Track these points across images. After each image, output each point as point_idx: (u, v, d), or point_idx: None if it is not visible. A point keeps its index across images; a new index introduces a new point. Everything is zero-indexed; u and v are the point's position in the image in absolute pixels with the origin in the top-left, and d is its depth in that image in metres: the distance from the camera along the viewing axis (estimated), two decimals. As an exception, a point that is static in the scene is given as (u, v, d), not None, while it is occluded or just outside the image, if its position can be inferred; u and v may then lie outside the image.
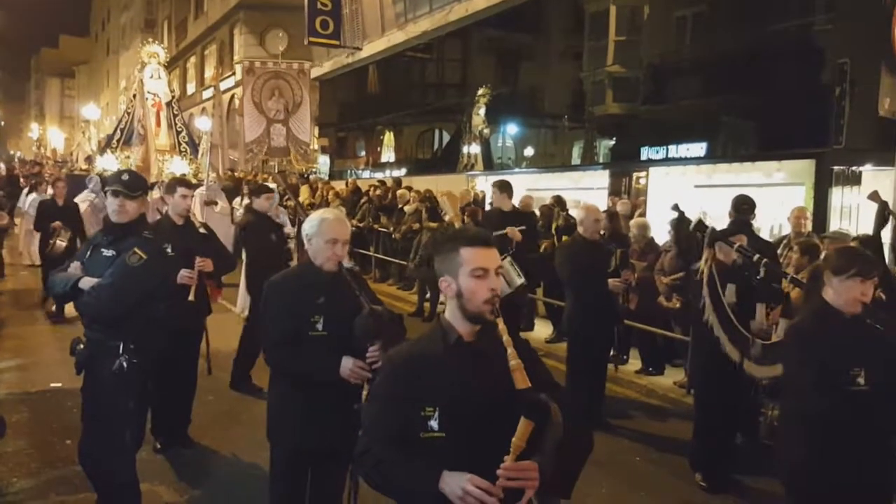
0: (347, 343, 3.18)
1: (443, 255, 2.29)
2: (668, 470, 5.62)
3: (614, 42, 14.45)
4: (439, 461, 2.07)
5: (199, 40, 38.23)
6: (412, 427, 2.14)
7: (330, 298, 3.25)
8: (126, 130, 16.04)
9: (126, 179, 3.96)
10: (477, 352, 2.22)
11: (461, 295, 2.21)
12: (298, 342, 3.24)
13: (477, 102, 17.20)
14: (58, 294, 3.90)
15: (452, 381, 2.16)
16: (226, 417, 6.26)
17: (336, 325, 3.22)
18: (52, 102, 76.26)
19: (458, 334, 2.24)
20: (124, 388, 3.80)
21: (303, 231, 3.42)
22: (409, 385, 2.19)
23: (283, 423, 3.39)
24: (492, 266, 2.22)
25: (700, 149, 12.41)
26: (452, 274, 2.23)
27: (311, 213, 3.76)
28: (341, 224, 3.37)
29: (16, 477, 4.94)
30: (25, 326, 9.26)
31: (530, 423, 1.97)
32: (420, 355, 2.27)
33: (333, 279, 3.28)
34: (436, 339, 2.28)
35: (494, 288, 2.20)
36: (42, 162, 34.31)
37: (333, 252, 3.27)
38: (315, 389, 3.25)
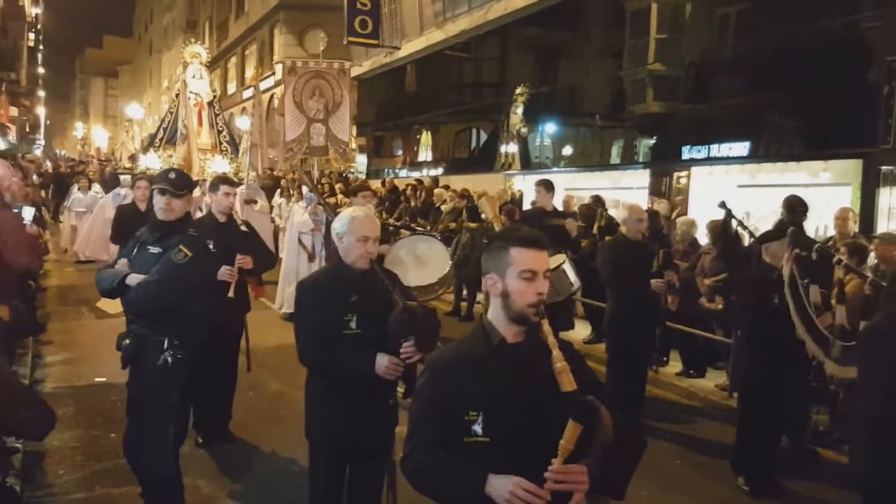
0: (381, 340, 3.18)
1: (491, 253, 2.25)
2: (709, 473, 5.53)
3: (655, 40, 14.23)
4: (483, 465, 2.05)
5: (239, 40, 38.71)
6: (455, 431, 2.12)
7: (363, 296, 3.26)
8: (169, 129, 16.30)
9: (172, 178, 4.03)
10: (520, 354, 2.18)
11: (507, 295, 2.17)
12: (332, 341, 3.25)
13: (515, 101, 17.10)
14: (105, 290, 3.97)
15: (496, 385, 2.13)
16: (265, 413, 6.32)
17: (369, 322, 3.22)
18: (97, 101, 78.00)
19: (501, 336, 2.20)
20: (169, 383, 3.86)
21: (333, 230, 3.42)
22: (452, 389, 2.16)
23: (319, 421, 3.41)
24: (541, 269, 2.18)
25: (743, 148, 12.16)
26: (499, 273, 2.19)
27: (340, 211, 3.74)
28: (371, 221, 3.36)
29: (62, 469, 5.05)
30: (71, 322, 9.47)
31: (579, 426, 1.94)
32: (462, 358, 2.23)
33: (365, 277, 3.29)
34: (478, 341, 2.25)
35: (541, 291, 2.17)
36: (86, 160, 35.10)
37: (365, 249, 3.27)
38: (350, 387, 3.27)
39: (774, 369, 4.98)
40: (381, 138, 29.19)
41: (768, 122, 12.83)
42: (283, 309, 9.96)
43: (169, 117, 16.83)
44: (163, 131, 16.54)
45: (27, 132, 41.90)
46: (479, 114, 21.66)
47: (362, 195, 6.98)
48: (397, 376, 3.22)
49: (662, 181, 11.71)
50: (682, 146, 12.97)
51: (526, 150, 17.88)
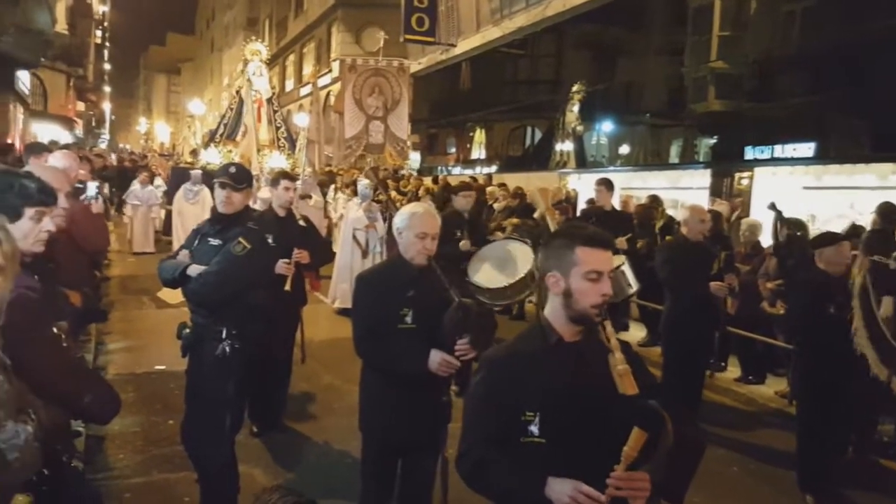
0: (436, 336, 3.18)
1: (553, 251, 2.20)
2: (767, 481, 5.37)
3: (718, 37, 13.90)
4: (539, 466, 2.03)
5: (298, 38, 39.24)
6: (511, 431, 2.09)
7: (419, 292, 3.26)
8: (229, 125, 16.61)
9: (233, 172, 4.10)
10: (578, 353, 2.14)
11: (569, 295, 2.12)
12: (388, 335, 3.27)
13: (571, 99, 16.98)
14: (167, 280, 4.05)
15: (553, 385, 2.09)
16: (319, 405, 6.39)
17: (425, 318, 3.22)
18: (159, 98, 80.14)
19: (559, 335, 2.16)
20: (226, 373, 3.92)
21: (393, 225, 3.45)
22: (508, 388, 2.12)
23: (372, 414, 3.44)
24: (607, 269, 2.13)
25: (808, 149, 11.82)
26: (563, 272, 2.14)
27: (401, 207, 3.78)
28: (431, 218, 3.37)
29: (122, 453, 5.18)
30: (133, 311, 9.72)
31: (644, 434, 1.90)
32: (518, 357, 2.19)
33: (423, 272, 3.29)
34: (535, 339, 2.20)
35: (606, 292, 2.11)
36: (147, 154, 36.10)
37: (423, 246, 3.27)
38: (404, 381, 3.27)
39: (833, 379, 4.79)
40: (434, 135, 29.28)
41: (835, 122, 12.44)
42: (337, 304, 10.05)
43: (229, 113, 17.15)
44: (223, 127, 16.85)
45: (93, 126, 43.32)
46: (534, 111, 21.55)
47: (463, 195, 6.92)
48: (451, 374, 3.20)
49: (723, 182, 11.43)
50: (744, 146, 12.66)
51: (581, 148, 17.72)
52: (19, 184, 2.49)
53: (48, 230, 2.59)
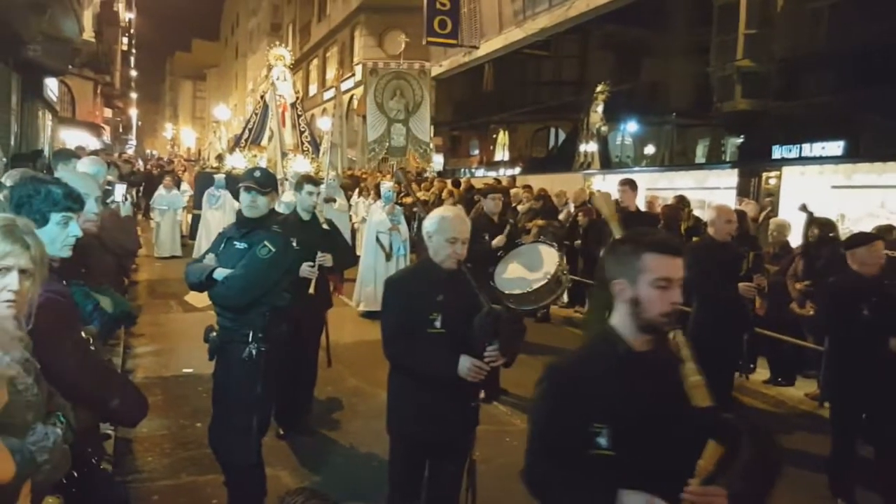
0: (465, 341, 3.16)
1: (620, 257, 2.13)
2: (797, 484, 5.25)
3: (744, 35, 13.72)
4: (608, 479, 1.98)
5: (321, 43, 39.47)
6: (579, 443, 2.03)
7: (449, 296, 3.24)
8: (254, 130, 16.75)
9: (258, 176, 4.13)
10: (648, 364, 2.07)
11: (637, 303, 2.06)
12: (417, 339, 3.25)
13: (595, 99, 16.87)
14: (193, 283, 4.08)
15: (623, 397, 2.02)
16: (344, 408, 6.39)
17: (454, 322, 3.20)
18: (185, 103, 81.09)
19: (628, 345, 2.09)
20: (253, 375, 3.94)
21: (423, 228, 3.42)
22: (576, 399, 2.06)
23: (400, 414, 3.44)
24: (677, 277, 2.06)
25: (837, 147, 11.62)
26: (630, 279, 2.08)
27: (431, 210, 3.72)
28: (462, 223, 3.34)
29: (150, 456, 5.22)
30: (160, 314, 9.82)
31: (720, 447, 1.85)
32: (586, 367, 2.13)
33: (453, 277, 3.28)
34: (603, 349, 2.13)
35: (676, 301, 2.05)
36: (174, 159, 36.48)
37: (453, 250, 3.26)
38: (433, 384, 3.26)
39: (864, 382, 4.68)
40: (457, 138, 29.28)
41: (864, 121, 12.23)
42: (361, 307, 10.08)
43: (254, 118, 17.32)
44: (248, 132, 17.03)
45: (120, 132, 43.92)
46: (558, 113, 21.46)
47: (492, 197, 6.84)
48: (480, 378, 3.17)
49: (751, 182, 11.28)
50: (772, 145, 12.48)
51: (606, 149, 17.61)
52: (46, 190, 2.52)
53: (76, 235, 2.61)
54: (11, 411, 1.92)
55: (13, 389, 1.94)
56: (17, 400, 1.96)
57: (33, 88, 17.05)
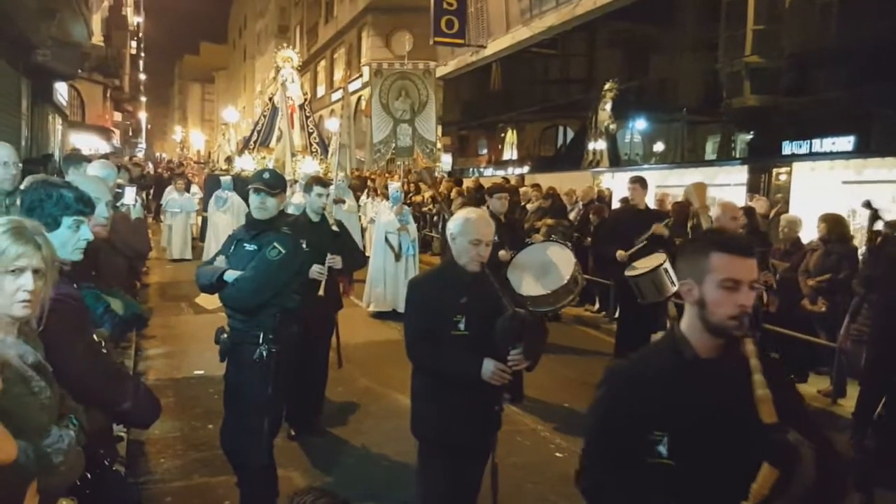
0: (488, 344, 3.14)
1: (688, 256, 2.06)
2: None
3: (753, 31, 13.65)
4: (666, 489, 1.92)
5: (328, 44, 39.56)
6: (637, 451, 1.96)
7: (473, 298, 3.23)
8: (262, 132, 16.80)
9: (267, 178, 4.15)
10: (716, 372, 1.95)
11: (703, 305, 1.96)
12: (440, 341, 3.25)
13: (603, 97, 16.83)
14: (204, 285, 4.10)
15: (686, 405, 1.92)
16: (356, 408, 6.40)
17: (478, 325, 3.19)
18: (194, 106, 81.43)
19: (695, 350, 1.98)
20: (264, 376, 3.94)
21: (447, 230, 3.40)
22: (636, 405, 1.97)
23: (423, 415, 3.42)
24: (746, 278, 1.93)
25: (847, 143, 11.52)
26: (697, 279, 1.98)
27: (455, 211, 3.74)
28: (486, 224, 3.32)
29: (163, 458, 5.25)
30: (171, 317, 9.86)
31: (775, 471, 1.76)
32: (649, 372, 2.02)
33: (476, 279, 3.26)
34: (668, 354, 2.03)
35: (745, 304, 1.92)
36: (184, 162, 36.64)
37: (476, 252, 3.24)
38: (456, 386, 3.25)
39: None
40: (465, 137, 29.23)
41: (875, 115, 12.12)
42: (371, 307, 10.09)
43: (262, 120, 17.37)
44: (257, 134, 17.09)
45: (130, 136, 44.13)
46: (566, 111, 21.39)
47: (497, 197, 6.72)
48: (504, 382, 3.18)
49: (761, 178, 11.24)
50: (782, 141, 12.39)
51: (615, 146, 17.54)
52: (57, 194, 2.54)
53: (87, 239, 2.63)
54: (27, 414, 1.93)
55: (27, 391, 1.96)
56: (32, 402, 1.97)
57: (43, 93, 17.15)
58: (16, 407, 1.87)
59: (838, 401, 6.68)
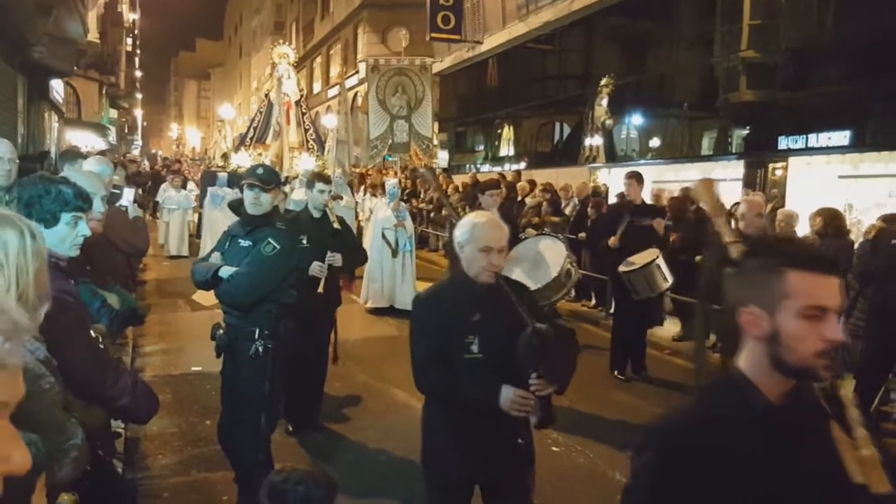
0: (507, 366, 2.72)
1: (751, 276, 1.60)
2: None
3: (749, 26, 13.67)
4: None
5: (325, 40, 39.50)
6: None
7: (486, 315, 2.81)
8: (259, 129, 16.78)
9: (260, 173, 4.15)
10: (795, 423, 1.54)
11: (777, 340, 1.52)
12: (451, 365, 2.84)
13: (599, 93, 16.84)
14: (199, 282, 4.10)
15: (763, 469, 1.51)
16: (353, 404, 6.41)
17: (493, 345, 2.79)
18: (190, 103, 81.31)
19: (765, 397, 1.55)
20: (261, 372, 3.96)
21: (454, 239, 2.99)
22: (697, 477, 1.51)
23: (436, 448, 3.02)
24: (834, 303, 1.51)
25: (844, 137, 11.56)
26: (766, 306, 1.54)
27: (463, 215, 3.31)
28: (497, 229, 2.89)
29: (161, 454, 5.25)
30: (168, 313, 9.85)
31: None
32: (709, 430, 1.55)
33: (490, 292, 2.85)
34: (729, 403, 1.58)
35: (834, 337, 1.50)
36: (181, 159, 36.59)
37: (488, 261, 2.82)
38: (472, 416, 2.85)
39: None
40: (462, 133, 29.23)
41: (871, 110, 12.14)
42: (369, 304, 10.10)
43: (259, 117, 17.35)
44: (253, 130, 17.07)
45: (126, 133, 44.03)
46: (563, 107, 21.39)
47: (490, 193, 6.48)
48: (526, 412, 2.75)
49: (757, 173, 11.25)
50: (778, 136, 12.43)
51: (611, 142, 17.57)
52: (56, 190, 2.54)
53: (85, 234, 2.63)
54: (43, 410, 1.94)
55: (40, 388, 1.96)
56: (46, 398, 1.98)
57: (39, 90, 17.12)
58: (33, 404, 1.89)
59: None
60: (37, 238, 1.99)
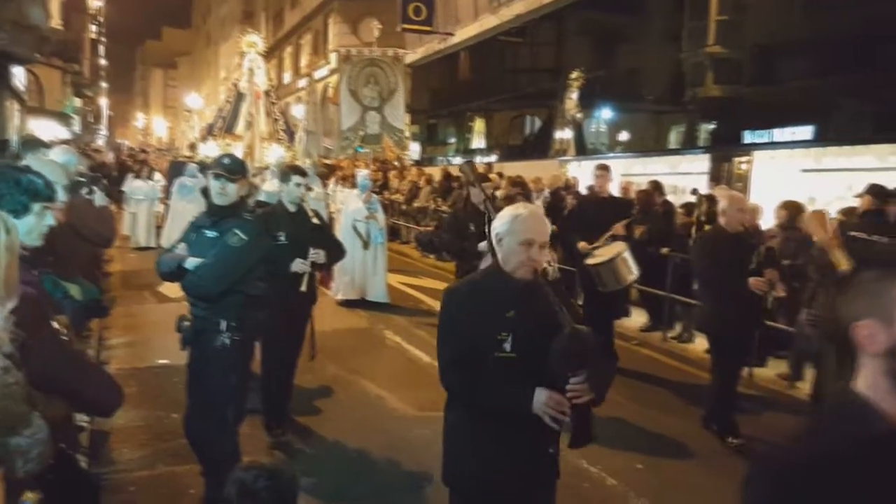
0: (540, 369, 2.56)
1: (867, 287, 1.53)
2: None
3: (716, 21, 13.85)
4: None
5: (294, 30, 39.15)
6: None
7: (522, 312, 2.64)
8: (227, 119, 16.60)
9: (227, 163, 4.10)
10: None
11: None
12: (480, 364, 2.64)
13: (570, 86, 16.94)
14: (165, 273, 4.05)
15: (887, 502, 1.41)
16: (324, 397, 6.39)
17: (528, 345, 2.60)
18: (156, 92, 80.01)
19: (886, 420, 1.45)
20: (227, 364, 3.92)
21: (492, 231, 2.80)
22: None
23: (459, 461, 2.79)
24: None
25: (807, 132, 11.80)
26: (884, 318, 1.45)
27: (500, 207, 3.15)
28: (540, 222, 2.73)
29: (126, 448, 5.19)
30: (134, 305, 9.72)
31: None
32: (826, 458, 1.44)
33: (527, 289, 2.67)
34: (847, 429, 1.49)
35: None
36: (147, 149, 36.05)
37: (528, 256, 2.64)
38: (500, 421, 2.66)
39: None
40: (434, 126, 29.23)
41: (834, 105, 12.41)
42: (339, 296, 10.06)
43: (227, 107, 17.16)
44: (221, 120, 16.88)
45: (91, 122, 43.23)
46: (534, 100, 21.51)
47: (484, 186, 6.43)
48: (561, 420, 2.55)
49: (723, 166, 11.43)
50: (743, 130, 12.64)
51: (581, 135, 17.69)
52: (27, 180, 2.51)
53: (50, 224, 2.60)
54: (11, 404, 1.92)
55: (5, 383, 1.94)
56: (12, 393, 1.95)
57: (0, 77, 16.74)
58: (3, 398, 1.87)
59: (796, 384, 6.85)
60: (11, 232, 1.96)
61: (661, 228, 8.52)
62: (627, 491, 4.73)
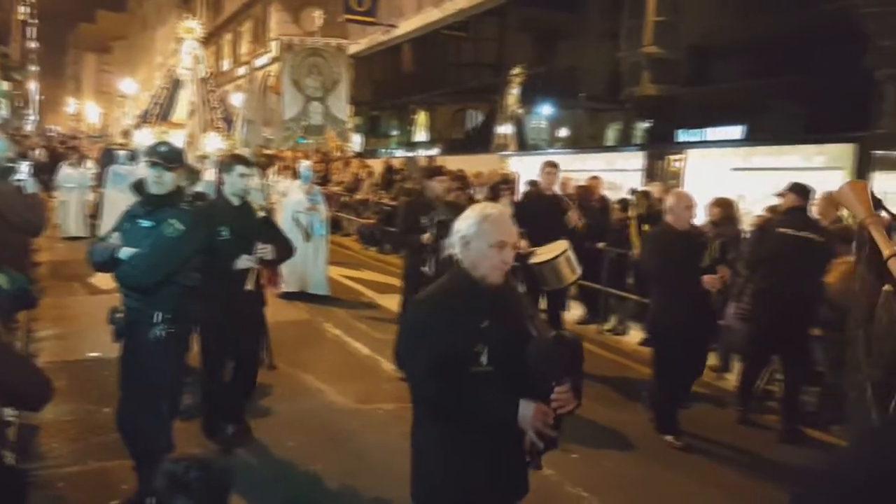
0: (519, 380, 2.44)
1: None
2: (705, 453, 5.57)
3: (652, 22, 14.17)
4: None
5: (234, 17, 38.39)
6: None
7: (496, 321, 2.48)
8: (163, 105, 16.22)
9: (163, 151, 4.02)
10: None
11: None
12: (458, 380, 2.45)
13: (511, 82, 17.10)
14: (97, 263, 3.96)
15: None
16: (264, 389, 6.26)
17: (504, 356, 2.46)
18: (89, 77, 77.40)
19: None
20: (162, 357, 3.87)
21: (456, 234, 2.61)
22: None
23: (431, 478, 2.61)
24: None
25: (738, 132, 12.20)
26: None
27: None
28: (509, 222, 2.61)
29: (56, 443, 5.07)
30: (64, 297, 9.44)
31: None
32: (888, 471, 1.35)
33: (499, 295, 2.55)
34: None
35: None
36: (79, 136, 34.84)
37: (500, 259, 2.52)
38: (479, 433, 2.50)
39: None
40: (377, 118, 29.12)
41: (764, 107, 12.84)
42: (280, 288, 9.96)
43: (163, 93, 16.76)
44: (157, 107, 16.48)
45: (19, 107, 41.55)
46: (476, 94, 21.65)
47: (438, 179, 6.07)
48: (547, 432, 2.42)
49: (657, 164, 11.72)
50: (678, 129, 12.98)
51: (521, 131, 17.88)
52: None
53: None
54: None
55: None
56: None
57: (-80, 58, 15.95)
58: None
59: (724, 375, 7.09)
60: None
61: (597, 223, 8.69)
62: (563, 481, 4.78)
